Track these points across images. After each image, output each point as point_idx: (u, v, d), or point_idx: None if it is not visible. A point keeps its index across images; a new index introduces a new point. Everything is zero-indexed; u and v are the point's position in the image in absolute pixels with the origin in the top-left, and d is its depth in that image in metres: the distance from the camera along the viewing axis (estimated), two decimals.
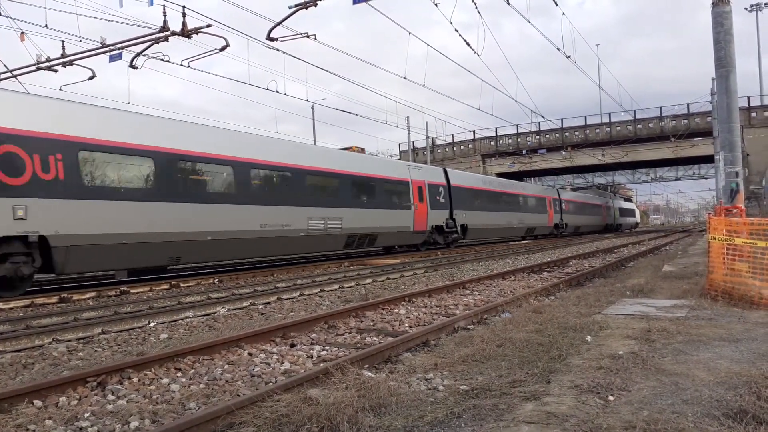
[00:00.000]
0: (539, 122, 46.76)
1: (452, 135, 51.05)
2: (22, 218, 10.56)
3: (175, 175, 13.54)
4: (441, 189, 24.98)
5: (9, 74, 16.15)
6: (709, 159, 39.77)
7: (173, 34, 13.91)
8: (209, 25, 13.87)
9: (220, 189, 14.79)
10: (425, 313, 8.19)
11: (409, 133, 41.58)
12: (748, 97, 40.41)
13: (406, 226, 22.39)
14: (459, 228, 25.91)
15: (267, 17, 14.43)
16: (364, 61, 26.55)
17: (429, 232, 24.01)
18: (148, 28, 14.38)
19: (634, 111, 45.26)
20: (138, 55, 14.94)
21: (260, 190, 15.81)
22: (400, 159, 44.07)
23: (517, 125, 49.10)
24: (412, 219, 22.65)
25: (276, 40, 14.65)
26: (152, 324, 7.92)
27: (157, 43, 14.47)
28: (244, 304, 9.53)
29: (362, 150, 23.98)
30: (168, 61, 15.03)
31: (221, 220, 14.44)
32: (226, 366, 5.37)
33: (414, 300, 9.25)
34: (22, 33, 15.12)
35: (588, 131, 46.81)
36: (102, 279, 14.54)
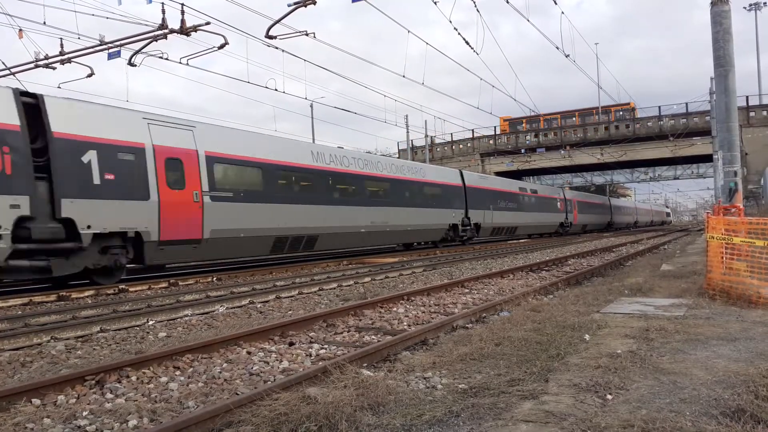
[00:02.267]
0: (538, 122, 46.78)
1: (451, 134, 51.12)
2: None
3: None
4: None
5: (7, 72, 16.12)
6: (707, 158, 39.82)
7: (172, 31, 13.90)
8: (208, 23, 13.86)
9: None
10: (424, 312, 8.20)
11: (408, 132, 41.60)
12: (747, 97, 40.49)
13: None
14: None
15: (266, 15, 14.43)
16: (362, 59, 26.57)
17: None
18: (147, 25, 14.38)
19: (633, 110, 45.29)
20: (136, 52, 14.93)
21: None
22: (399, 158, 44.06)
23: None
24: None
25: (275, 38, 14.65)
26: (151, 322, 7.92)
27: (156, 40, 14.46)
28: (243, 302, 9.53)
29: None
30: (167, 59, 15.02)
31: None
32: (225, 364, 5.37)
33: (413, 299, 9.26)
34: (21, 30, 15.10)
35: (587, 130, 46.84)
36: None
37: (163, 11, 13.93)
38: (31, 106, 10.84)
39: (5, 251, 10.02)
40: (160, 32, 14.13)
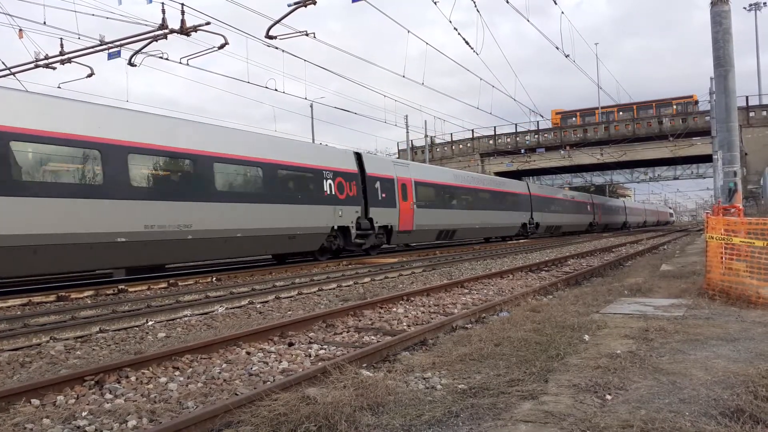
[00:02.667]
0: (538, 121, 46.84)
1: (451, 134, 51.11)
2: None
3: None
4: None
5: (7, 72, 16.12)
6: (707, 158, 39.83)
7: (172, 31, 13.90)
8: (208, 23, 13.86)
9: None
10: (423, 312, 8.20)
11: (407, 132, 41.61)
12: (747, 97, 40.52)
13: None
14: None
15: (266, 15, 14.43)
16: (362, 59, 26.60)
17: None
18: (147, 25, 14.37)
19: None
20: (136, 52, 14.93)
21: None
22: (399, 158, 44.13)
23: (516, 124, 49.17)
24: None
25: (275, 38, 14.65)
26: (150, 323, 7.91)
27: (156, 40, 14.46)
28: (243, 302, 9.53)
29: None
30: (167, 59, 15.02)
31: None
32: (224, 365, 5.37)
33: (412, 299, 9.26)
34: (21, 30, 15.10)
35: (587, 130, 46.83)
36: (100, 278, 14.52)
37: (163, 11, 13.93)
38: (359, 157, 20.24)
39: (354, 235, 18.99)
40: (160, 32, 14.13)
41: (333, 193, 18.21)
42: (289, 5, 13.75)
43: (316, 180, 17.59)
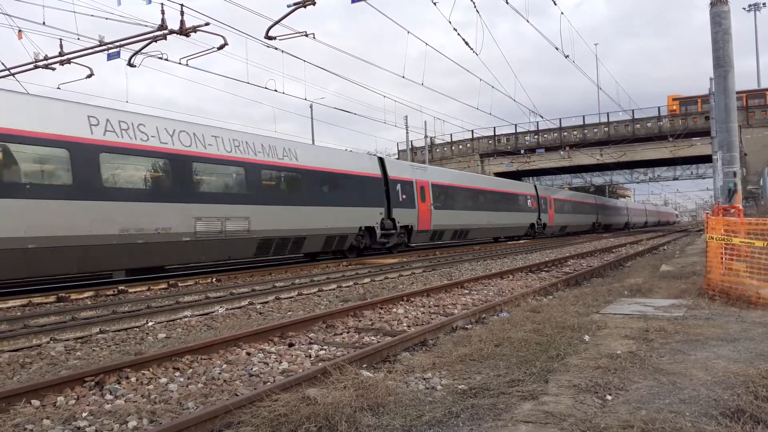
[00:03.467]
0: (537, 122, 46.82)
1: (450, 134, 51.07)
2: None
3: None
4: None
5: (7, 72, 16.12)
6: (707, 159, 39.81)
7: (171, 32, 13.89)
8: (207, 24, 13.85)
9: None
10: (423, 313, 8.20)
11: (407, 133, 41.60)
12: (746, 97, 40.46)
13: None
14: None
15: (265, 16, 14.43)
16: (362, 60, 26.57)
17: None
18: (146, 26, 14.36)
19: (633, 111, 45.29)
20: (136, 53, 14.92)
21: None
22: (398, 158, 44.24)
23: (516, 125, 49.15)
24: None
25: (274, 38, 14.64)
26: (150, 323, 7.91)
27: (155, 41, 14.44)
28: (243, 303, 9.53)
29: None
30: (166, 60, 15.02)
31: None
32: (225, 365, 5.37)
33: (412, 299, 9.26)
34: (20, 31, 15.09)
35: (586, 131, 46.83)
36: (100, 278, 14.52)
37: (163, 12, 13.92)
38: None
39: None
40: (159, 33, 14.13)
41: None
42: (288, 6, 13.75)
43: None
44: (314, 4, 13.39)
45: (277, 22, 14.28)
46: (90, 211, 11.51)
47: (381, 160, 21.90)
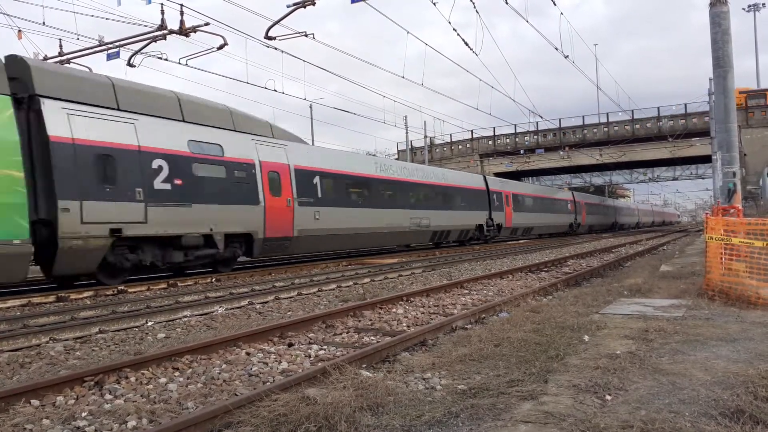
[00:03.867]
0: (537, 122, 46.77)
1: (450, 135, 51.06)
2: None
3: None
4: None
5: None
6: (706, 159, 39.83)
7: (171, 32, 13.90)
8: (207, 24, 13.87)
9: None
10: (423, 313, 8.20)
11: (407, 133, 41.65)
12: (746, 97, 40.44)
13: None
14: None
15: (265, 16, 14.43)
16: (362, 60, 26.59)
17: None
18: (146, 26, 14.38)
19: (632, 111, 45.30)
20: (136, 53, 14.94)
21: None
22: (398, 159, 44.32)
23: (515, 125, 49.12)
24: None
25: (274, 38, 14.65)
26: (150, 323, 7.91)
27: (155, 41, 14.46)
28: (242, 303, 9.52)
29: None
30: (166, 60, 15.02)
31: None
32: (224, 365, 5.36)
33: (412, 299, 9.25)
34: (20, 31, 15.10)
35: (586, 131, 46.82)
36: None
37: (162, 12, 13.94)
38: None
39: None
40: (159, 33, 14.14)
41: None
42: (288, 6, 13.77)
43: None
44: (314, 4, 13.40)
45: (276, 22, 14.29)
46: (370, 215, 20.23)
47: (484, 178, 31.48)
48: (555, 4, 16.02)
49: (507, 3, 14.26)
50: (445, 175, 26.89)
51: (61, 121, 11.10)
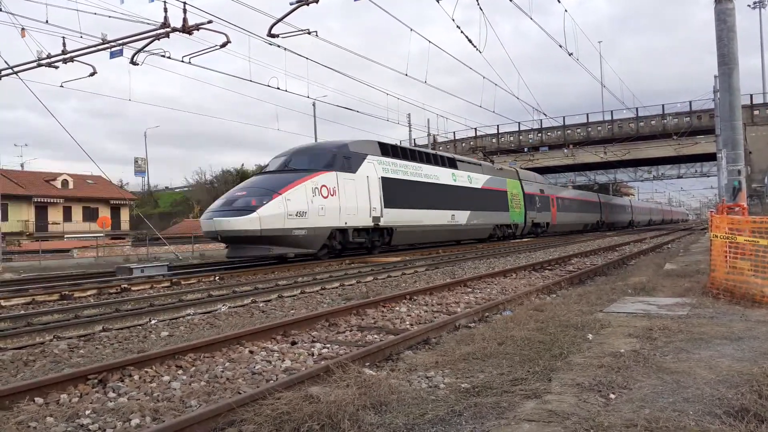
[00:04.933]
0: (541, 120, 46.63)
1: (454, 132, 51.03)
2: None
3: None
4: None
5: (10, 71, 16.16)
6: (711, 157, 39.65)
7: (174, 30, 13.88)
8: (210, 22, 13.84)
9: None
10: (426, 311, 8.19)
11: (410, 131, 41.66)
12: (751, 95, 40.30)
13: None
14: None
15: (268, 13, 14.41)
16: (364, 58, 26.54)
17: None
18: (149, 24, 14.36)
19: (637, 109, 45.19)
20: (139, 51, 14.92)
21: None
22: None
23: (519, 123, 49.04)
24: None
25: (277, 36, 14.61)
26: (153, 321, 7.92)
27: (158, 39, 14.45)
28: (245, 301, 9.54)
29: None
30: (169, 58, 15.02)
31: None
32: (227, 364, 5.37)
33: (415, 298, 9.25)
34: (23, 29, 15.11)
35: (590, 129, 46.71)
36: (101, 277, 14.56)
37: (165, 10, 13.89)
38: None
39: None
40: (162, 31, 14.13)
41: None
42: (291, 3, 13.71)
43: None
44: (317, 1, 13.36)
45: (279, 20, 14.26)
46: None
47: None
48: (559, 2, 15.95)
49: (511, 0, 14.21)
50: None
51: (528, 187, 35.09)
